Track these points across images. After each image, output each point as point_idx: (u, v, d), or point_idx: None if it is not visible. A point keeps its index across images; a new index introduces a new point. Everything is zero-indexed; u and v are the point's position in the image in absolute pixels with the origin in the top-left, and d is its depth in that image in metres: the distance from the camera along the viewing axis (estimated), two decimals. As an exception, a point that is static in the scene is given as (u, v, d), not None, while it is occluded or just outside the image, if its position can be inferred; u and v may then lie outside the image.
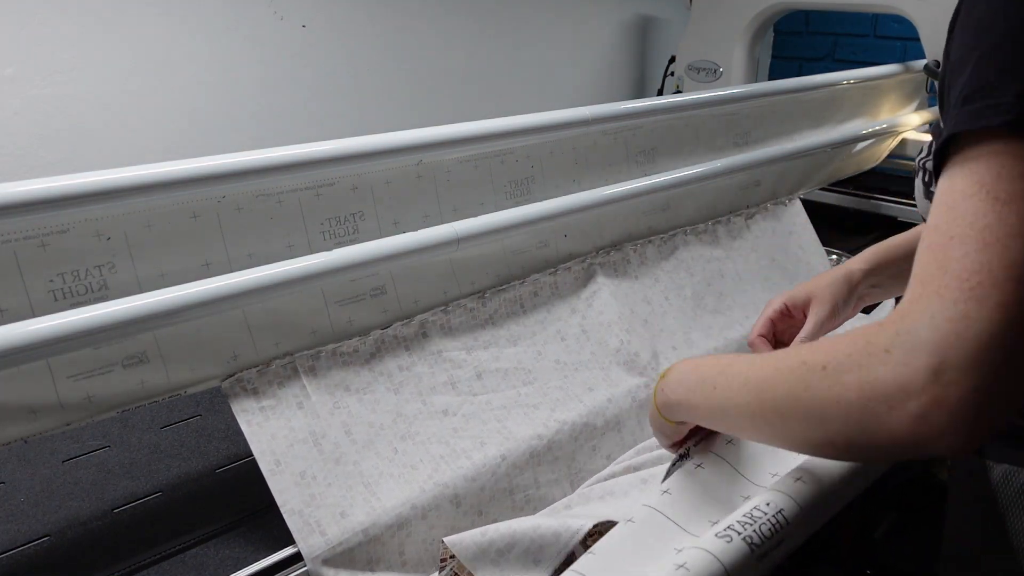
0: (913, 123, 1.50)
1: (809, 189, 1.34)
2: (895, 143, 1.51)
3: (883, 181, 1.60)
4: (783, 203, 1.25)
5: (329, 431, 0.72)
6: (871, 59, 2.07)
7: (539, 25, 1.88)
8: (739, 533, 0.54)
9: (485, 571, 0.63)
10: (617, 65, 2.12)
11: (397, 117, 1.63)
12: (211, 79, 1.36)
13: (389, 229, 0.81)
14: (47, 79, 1.19)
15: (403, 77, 1.64)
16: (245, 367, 0.72)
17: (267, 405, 0.71)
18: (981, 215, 0.45)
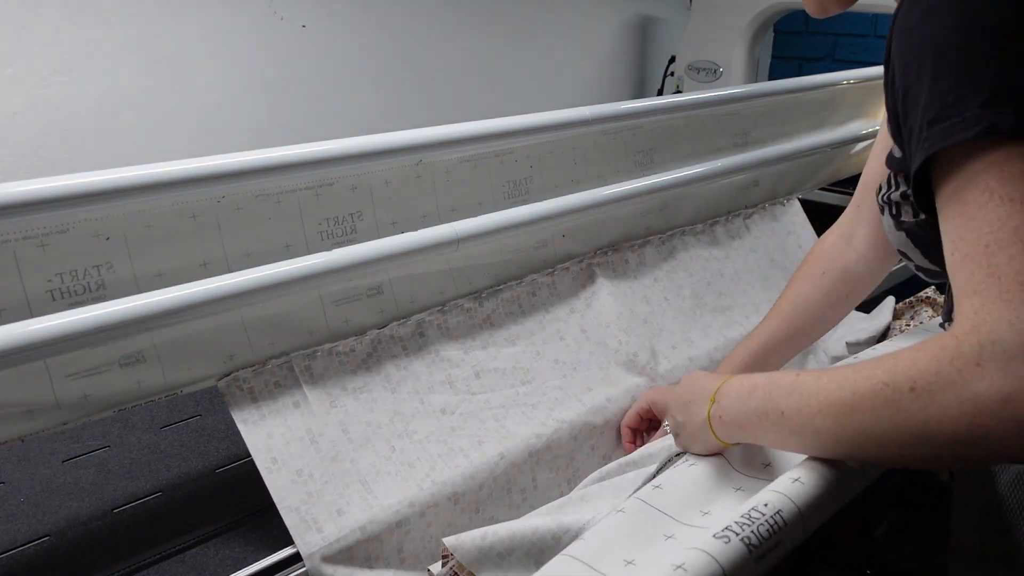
0: (913, 123, 1.50)
1: (808, 189, 1.33)
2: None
3: (883, 181, 1.60)
4: (782, 203, 1.25)
5: (326, 430, 0.72)
6: (871, 59, 2.07)
7: (539, 25, 1.89)
8: (737, 534, 0.54)
9: (487, 572, 0.63)
10: (617, 65, 2.12)
11: (396, 117, 1.64)
12: (211, 79, 1.37)
13: (387, 229, 0.81)
14: (47, 79, 1.19)
15: (402, 77, 1.64)
16: (241, 367, 0.72)
17: (263, 404, 0.71)
18: (1006, 218, 0.46)
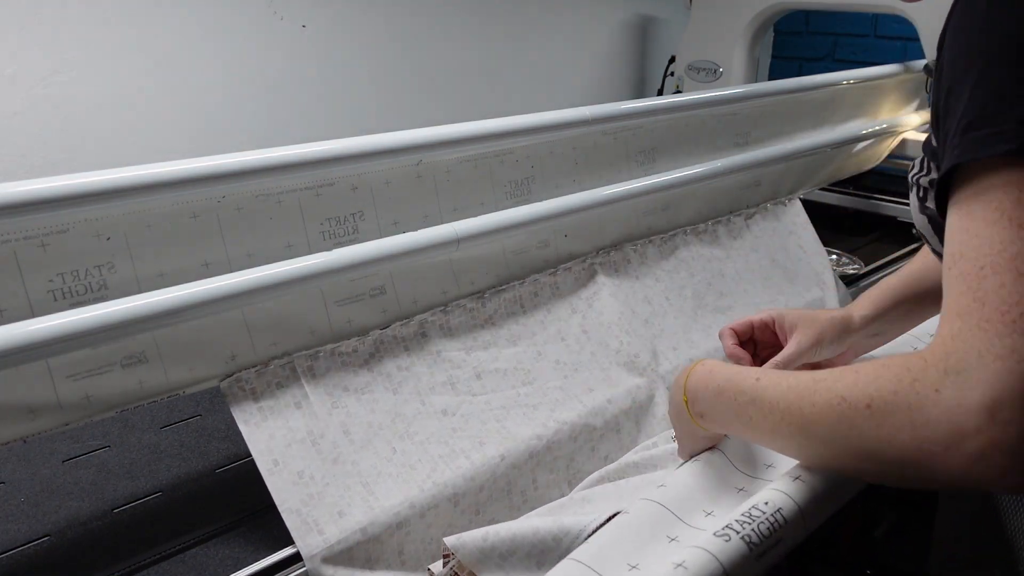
0: (913, 123, 1.50)
1: (809, 189, 1.34)
2: (895, 143, 1.51)
3: (883, 181, 1.60)
4: (783, 203, 1.25)
5: (327, 431, 0.72)
6: (871, 59, 2.07)
7: (539, 25, 1.88)
8: (737, 532, 0.54)
9: (489, 573, 0.64)
10: (617, 65, 2.12)
11: (397, 117, 1.63)
12: (211, 79, 1.37)
13: (389, 229, 0.81)
14: (47, 79, 1.19)
15: (403, 77, 1.64)
16: (244, 367, 0.72)
17: (265, 405, 0.71)
18: (1009, 243, 0.44)
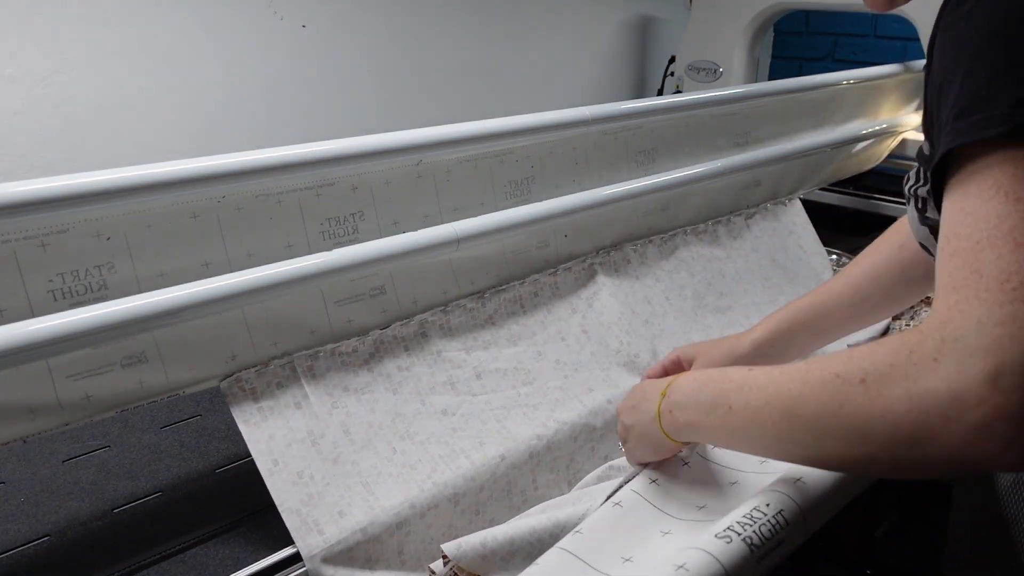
0: (913, 123, 1.50)
1: (809, 189, 1.33)
2: (895, 143, 1.51)
3: (883, 181, 1.60)
4: (783, 203, 1.25)
5: (327, 431, 0.72)
6: (871, 59, 2.07)
7: (539, 25, 1.88)
8: (739, 534, 0.54)
9: (495, 574, 0.64)
10: (617, 65, 2.12)
11: (397, 117, 1.63)
12: (211, 79, 1.36)
13: (389, 229, 0.81)
14: (48, 79, 1.19)
15: (403, 77, 1.64)
16: (244, 367, 0.72)
17: (265, 405, 0.71)
18: (1005, 216, 0.43)
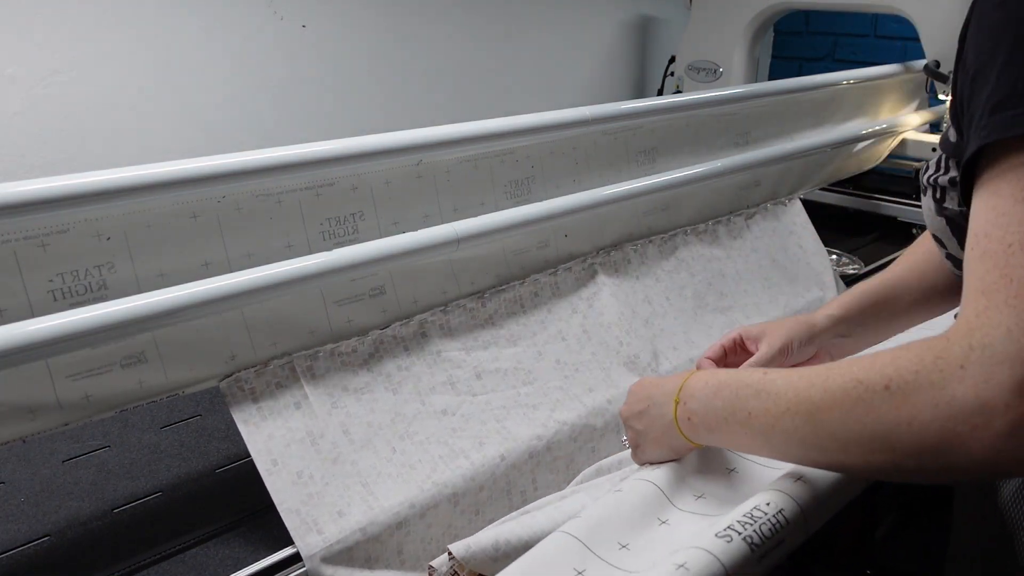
0: (913, 123, 1.50)
1: (809, 189, 1.33)
2: (895, 143, 1.51)
3: (883, 181, 1.60)
4: (783, 203, 1.25)
5: (327, 431, 0.72)
6: (871, 59, 2.07)
7: (539, 25, 1.88)
8: (739, 533, 0.54)
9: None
10: (617, 65, 2.12)
11: (397, 117, 1.63)
12: (211, 79, 1.37)
13: (389, 229, 0.81)
14: (47, 79, 1.19)
15: (403, 77, 1.64)
16: (243, 367, 0.72)
17: (265, 405, 0.71)
18: None
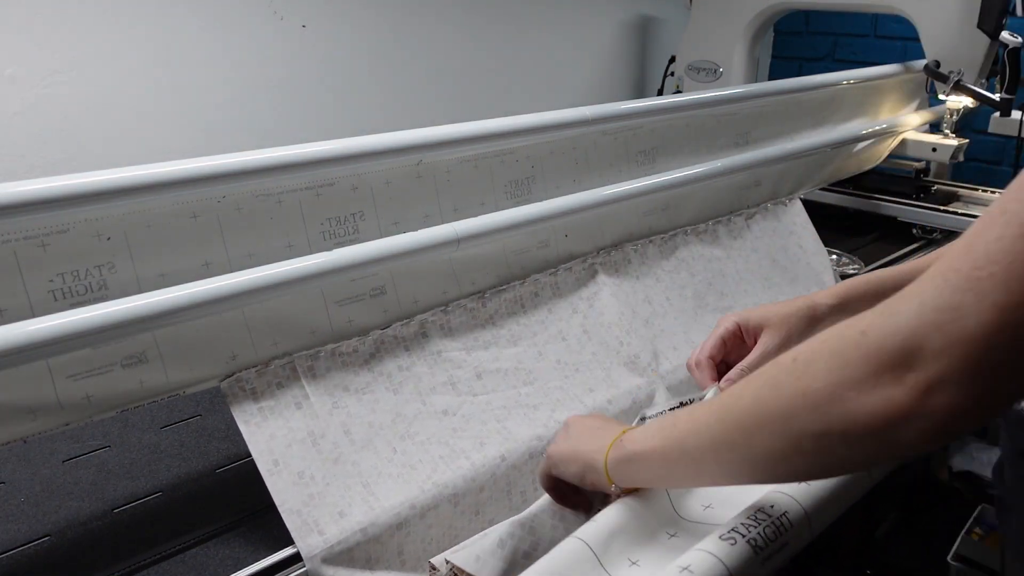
0: (913, 123, 1.50)
1: (809, 189, 1.33)
2: (895, 143, 1.51)
3: (883, 181, 1.60)
4: (783, 203, 1.25)
5: (328, 431, 0.72)
6: (871, 59, 2.07)
7: (539, 25, 1.88)
8: (743, 535, 0.54)
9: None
10: (617, 65, 2.12)
11: (397, 117, 1.63)
12: (211, 79, 1.36)
13: (389, 229, 0.81)
14: (47, 79, 1.19)
15: (403, 77, 1.64)
16: (244, 367, 0.72)
17: (265, 405, 0.71)
18: None
